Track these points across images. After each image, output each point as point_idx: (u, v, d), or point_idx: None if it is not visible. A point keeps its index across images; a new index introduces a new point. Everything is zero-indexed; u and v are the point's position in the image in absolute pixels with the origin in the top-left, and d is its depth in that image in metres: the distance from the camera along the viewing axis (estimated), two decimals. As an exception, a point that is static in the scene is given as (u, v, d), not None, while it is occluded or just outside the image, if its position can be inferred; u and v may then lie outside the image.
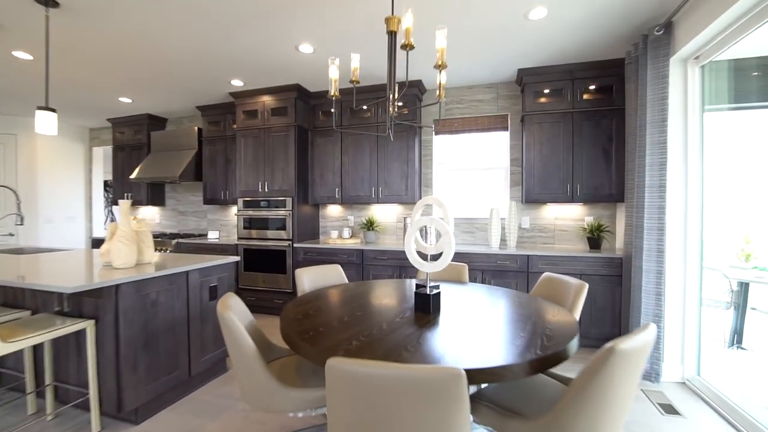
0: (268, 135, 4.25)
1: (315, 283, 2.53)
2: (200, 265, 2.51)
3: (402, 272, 3.75)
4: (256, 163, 4.31)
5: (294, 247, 4.13)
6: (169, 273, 2.29)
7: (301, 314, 1.76)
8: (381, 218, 4.45)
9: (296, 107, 4.14)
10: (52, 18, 2.72)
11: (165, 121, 5.59)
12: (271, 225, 4.21)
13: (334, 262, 3.98)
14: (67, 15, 2.69)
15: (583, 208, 3.83)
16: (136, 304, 2.10)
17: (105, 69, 3.68)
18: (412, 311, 1.83)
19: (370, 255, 3.86)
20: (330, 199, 4.31)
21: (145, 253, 2.49)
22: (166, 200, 5.64)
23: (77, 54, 3.33)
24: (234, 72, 3.76)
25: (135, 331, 2.09)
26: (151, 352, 2.19)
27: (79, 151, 6.14)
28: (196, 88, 4.23)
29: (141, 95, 4.50)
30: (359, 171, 4.19)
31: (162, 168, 4.89)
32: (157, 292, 2.23)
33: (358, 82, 2.13)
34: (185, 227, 5.51)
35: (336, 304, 1.96)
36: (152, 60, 3.46)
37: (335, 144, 4.29)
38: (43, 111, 2.46)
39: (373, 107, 4.13)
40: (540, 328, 1.57)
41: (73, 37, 3.01)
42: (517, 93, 4.02)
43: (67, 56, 3.38)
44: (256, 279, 4.28)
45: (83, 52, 3.28)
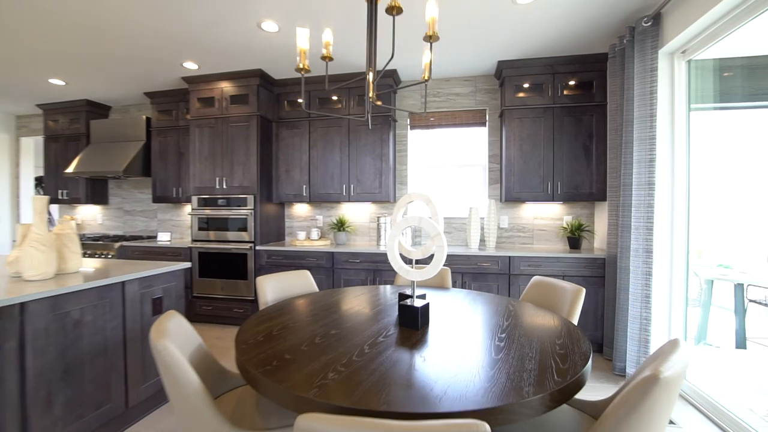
0: (227, 125, 3.82)
1: (280, 292, 2.20)
2: (140, 273, 2.10)
3: (377, 276, 3.47)
4: (213, 156, 3.87)
5: (256, 250, 3.73)
6: (99, 285, 1.87)
7: (263, 335, 1.43)
8: (352, 218, 4.14)
9: (259, 95, 3.75)
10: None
11: (108, 109, 4.98)
12: (230, 225, 3.79)
13: (301, 266, 3.63)
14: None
15: (562, 207, 3.72)
16: (51, 325, 1.68)
17: (24, 38, 3.12)
18: (396, 327, 1.55)
19: (341, 258, 3.54)
20: (297, 198, 3.95)
21: (70, 261, 2.05)
22: (109, 198, 5.02)
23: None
24: (186, 53, 3.32)
25: (49, 359, 1.67)
26: (74, 384, 1.77)
27: (2, 142, 5.36)
28: (142, 71, 3.73)
29: (76, 77, 3.92)
30: (329, 167, 3.87)
31: (104, 161, 4.32)
32: (81, 309, 1.81)
33: (331, 58, 1.83)
34: (132, 228, 4.92)
35: (305, 319, 1.64)
36: (84, 34, 2.96)
37: (302, 137, 3.93)
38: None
39: (345, 97, 3.82)
40: (548, 346, 1.34)
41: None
42: (495, 87, 3.86)
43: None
44: (212, 286, 3.84)
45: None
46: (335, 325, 1.57)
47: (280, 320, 1.63)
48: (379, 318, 1.67)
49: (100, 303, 1.90)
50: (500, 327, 1.56)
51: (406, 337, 1.44)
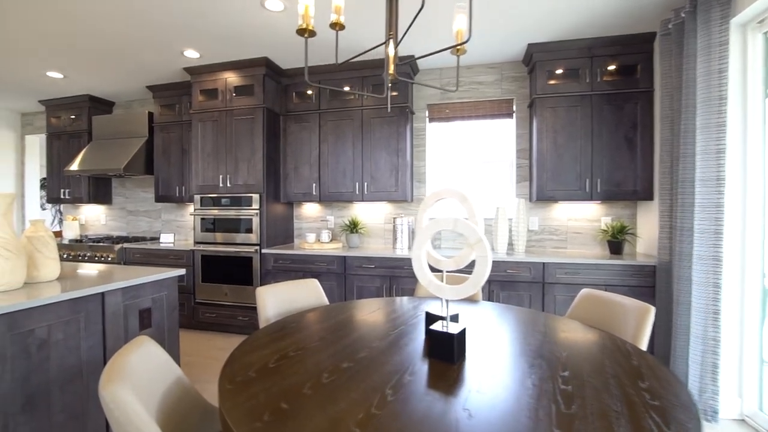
0: (231, 119, 3.55)
1: (284, 305, 1.89)
2: (124, 283, 1.82)
3: (393, 284, 3.14)
4: (217, 152, 3.60)
5: (263, 254, 3.45)
6: (71, 297, 1.59)
7: (256, 369, 1.12)
8: (366, 219, 3.83)
9: (265, 86, 3.46)
10: None
11: (112, 104, 4.77)
12: (235, 227, 3.52)
13: (310, 270, 3.33)
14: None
15: (599, 207, 3.33)
16: (8, 347, 1.40)
17: (17, 28, 2.89)
18: (425, 358, 1.22)
19: (354, 263, 3.23)
20: (306, 197, 3.65)
21: (43, 268, 1.78)
22: (113, 197, 4.82)
23: (-27, 5, 2.55)
24: (186, 39, 3.05)
25: (6, 387, 1.40)
26: (39, 416, 1.50)
27: (8, 140, 5.22)
28: (142, 62, 3.49)
29: (74, 69, 3.70)
30: (340, 163, 3.56)
31: (105, 159, 4.10)
32: (48, 326, 1.53)
33: (342, 26, 1.51)
34: (136, 229, 4.71)
35: (312, 345, 1.32)
36: (77, 22, 2.72)
37: (312, 131, 3.63)
38: None
39: (357, 87, 3.51)
40: (634, 394, 0.99)
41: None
42: (523, 74, 3.49)
43: (-40, 8, 2.60)
44: (216, 292, 3.57)
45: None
46: (348, 354, 1.25)
47: (279, 345, 1.32)
48: (401, 344, 1.34)
49: (73, 318, 1.62)
50: (559, 360, 1.21)
51: (438, 374, 1.11)
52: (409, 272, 3.10)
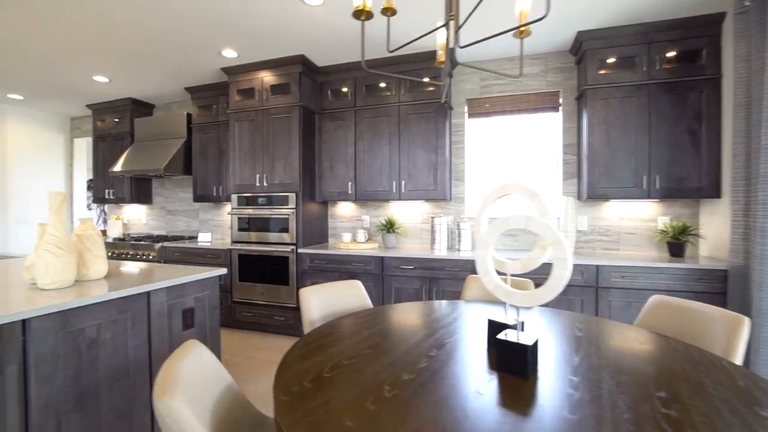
0: (268, 118, 3.54)
1: (327, 307, 1.82)
2: (168, 282, 1.80)
3: (433, 285, 3.02)
4: (253, 151, 3.60)
5: (298, 253, 3.41)
6: (119, 296, 1.58)
7: (311, 378, 1.04)
8: (402, 218, 3.72)
9: (301, 84, 3.43)
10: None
11: (152, 107, 4.91)
12: (271, 226, 3.51)
13: (347, 271, 3.27)
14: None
15: (656, 206, 3.08)
16: (61, 346, 1.39)
17: (61, 32, 2.98)
18: (491, 371, 1.10)
19: (391, 263, 3.14)
20: (341, 196, 3.59)
21: (92, 266, 1.79)
22: (153, 197, 4.95)
23: (26, 12, 2.64)
24: (224, 38, 3.05)
25: (59, 386, 1.39)
26: (90, 414, 1.49)
27: (58, 143, 5.48)
28: (182, 63, 3.54)
29: (118, 73, 3.81)
30: (377, 161, 3.47)
31: (146, 160, 4.21)
32: (98, 325, 1.52)
33: (395, 12, 1.42)
34: (175, 228, 4.82)
35: (365, 353, 1.23)
36: (122, 26, 2.76)
37: (348, 129, 3.57)
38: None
39: (394, 83, 3.41)
40: (756, 421, 0.84)
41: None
42: (570, 65, 3.28)
43: (13, 15, 2.69)
44: (253, 291, 3.57)
45: (31, 8, 2.59)
46: (406, 364, 1.15)
47: (331, 353, 1.23)
48: (462, 353, 1.23)
49: (120, 317, 1.61)
50: (649, 378, 1.06)
51: (512, 391, 0.99)
52: (450, 274, 2.97)
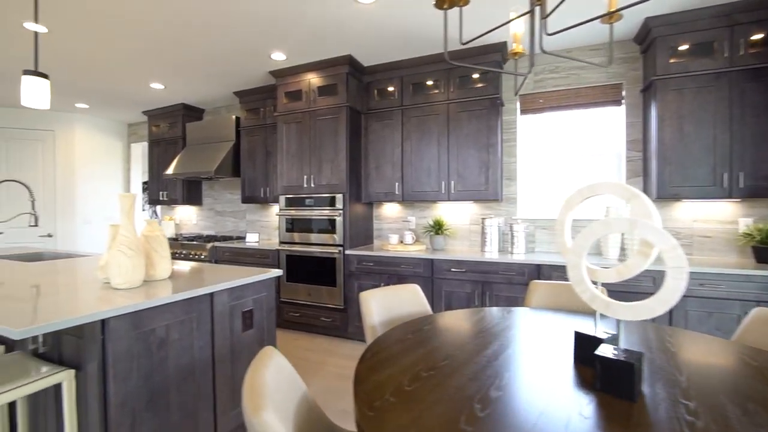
0: (314, 119, 3.55)
1: (387, 312, 1.76)
2: (230, 283, 1.81)
3: (486, 290, 2.89)
4: (301, 153, 3.62)
5: (346, 255, 3.39)
6: (186, 297, 1.60)
7: (392, 391, 0.98)
8: (450, 219, 3.61)
9: (348, 84, 3.41)
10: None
11: (202, 111, 5.09)
12: (318, 227, 3.51)
13: (395, 273, 3.20)
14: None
15: (737, 207, 2.79)
16: (134, 345, 1.42)
17: (124, 42, 3.13)
18: (587, 391, 0.99)
19: (442, 266, 3.04)
20: (388, 196, 3.54)
21: (158, 266, 1.83)
22: (203, 199, 5.14)
23: (92, 26, 2.79)
24: (274, 41, 3.08)
25: (133, 384, 1.41)
26: (160, 413, 1.51)
27: (117, 148, 5.82)
28: (231, 67, 3.62)
29: (173, 79, 3.97)
30: (424, 161, 3.39)
31: (197, 162, 4.36)
32: (167, 326, 1.54)
33: (467, 2, 1.33)
34: (223, 229, 4.97)
35: (444, 364, 1.16)
36: (176, 32, 2.85)
37: (394, 128, 3.51)
38: (31, 76, 1.86)
39: (443, 80, 3.31)
40: None
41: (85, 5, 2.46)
42: (635, 54, 3.05)
43: (81, 29, 2.85)
44: (299, 291, 3.60)
45: (96, 22, 2.73)
46: (489, 379, 1.06)
47: (404, 364, 1.17)
48: (549, 369, 1.12)
49: (187, 318, 1.63)
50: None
51: (622, 416, 0.87)
52: (504, 278, 2.84)
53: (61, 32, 2.93)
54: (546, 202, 3.39)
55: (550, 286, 2.02)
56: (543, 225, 3.30)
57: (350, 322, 3.40)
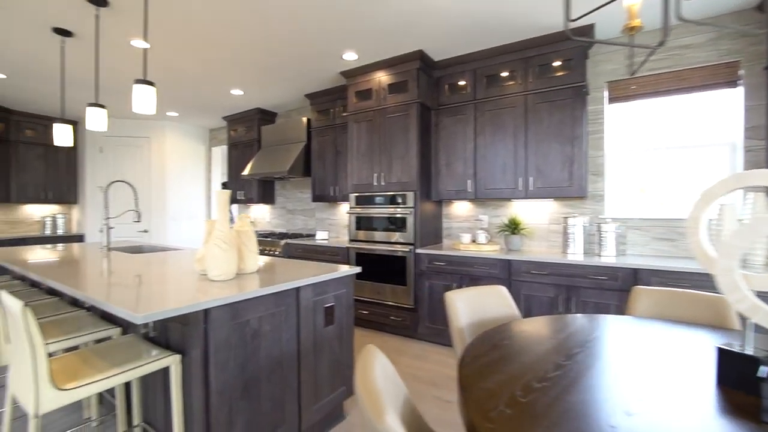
0: (384, 117, 3.54)
1: (474, 314, 1.66)
2: (314, 279, 1.84)
3: (571, 294, 2.66)
4: (371, 151, 3.63)
5: (416, 253, 3.33)
6: (276, 291, 1.64)
7: (506, 401, 0.89)
8: (527, 218, 3.40)
9: (419, 80, 3.35)
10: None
11: (275, 115, 5.35)
12: (388, 225, 3.49)
13: (468, 274, 3.08)
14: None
15: None
16: (231, 335, 1.48)
17: (209, 53, 3.36)
18: (746, 422, 0.82)
19: (520, 268, 2.86)
20: (459, 194, 3.42)
21: (248, 260, 1.91)
22: (275, 198, 5.40)
23: (182, 40, 3.02)
24: (347, 41, 3.11)
25: (230, 373, 1.47)
26: (252, 403, 1.56)
27: (200, 152, 6.33)
28: (304, 71, 3.74)
29: (251, 85, 4.20)
30: (499, 157, 3.22)
31: (271, 163, 4.58)
32: (259, 318, 1.59)
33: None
34: (293, 226, 5.18)
35: (553, 376, 1.04)
36: (255, 38, 2.99)
37: (467, 123, 3.38)
38: (141, 85, 2.06)
39: (520, 71, 3.12)
40: None
41: (174, 19, 2.66)
42: (755, 27, 2.61)
43: (176, 44, 3.10)
44: (369, 289, 3.61)
45: (188, 37, 2.95)
46: (616, 393, 0.92)
47: (510, 371, 1.07)
48: (686, 388, 0.95)
49: (277, 311, 1.67)
50: None
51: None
52: (594, 282, 2.58)
53: (159, 48, 3.22)
54: (639, 199, 3.04)
55: (659, 294, 1.79)
56: (636, 225, 2.96)
57: (420, 322, 3.33)
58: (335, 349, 2.02)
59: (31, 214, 5.62)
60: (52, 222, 5.56)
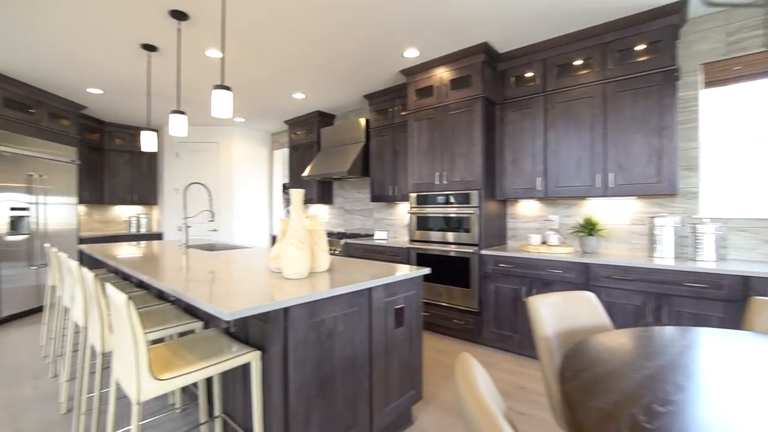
0: (446, 114, 3.44)
1: (561, 322, 1.53)
2: (386, 279, 1.80)
3: (661, 303, 2.39)
4: (432, 150, 3.55)
5: (481, 255, 3.20)
6: (350, 291, 1.62)
7: (630, 428, 0.77)
8: (605, 218, 3.12)
9: (483, 74, 3.21)
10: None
11: (333, 117, 5.46)
12: (451, 225, 3.39)
13: (539, 278, 2.89)
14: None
15: None
16: (308, 334, 1.48)
17: (275, 59, 3.47)
18: None
19: (601, 272, 2.62)
20: (527, 193, 3.22)
21: (319, 259, 1.93)
22: (333, 198, 5.50)
23: (251, 48, 3.15)
24: (409, 37, 3.06)
25: (308, 371, 1.48)
26: (327, 402, 1.56)
27: (262, 155, 6.64)
28: (364, 71, 3.75)
29: (312, 88, 4.31)
30: (573, 152, 2.99)
31: (331, 164, 4.66)
32: (334, 318, 1.58)
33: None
34: (351, 226, 5.24)
35: (676, 399, 0.90)
36: (317, 39, 3.04)
37: (535, 117, 3.18)
38: (219, 90, 2.16)
39: (596, 58, 2.87)
40: None
41: (245, 28, 2.78)
42: None
43: (245, 53, 3.25)
44: (431, 291, 3.53)
45: (257, 46, 3.07)
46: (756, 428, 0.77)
47: (622, 390, 0.94)
48: None
49: (350, 311, 1.66)
50: None
51: None
52: (690, 291, 2.29)
53: (231, 56, 3.40)
54: (744, 197, 2.66)
55: (788, 306, 1.52)
56: (740, 226, 2.59)
57: (485, 327, 3.19)
58: (405, 351, 1.97)
59: (119, 215, 6.24)
60: (136, 221, 6.14)
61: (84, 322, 1.97)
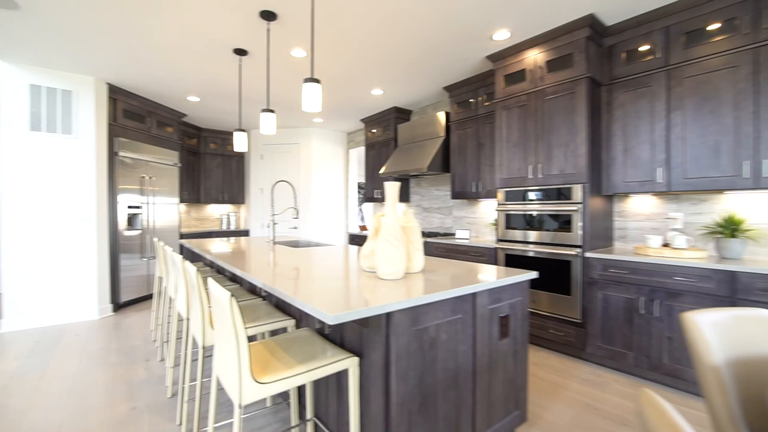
0: (542, 100, 3.09)
1: (736, 348, 1.18)
2: (490, 284, 1.59)
3: None
4: (524, 140, 3.22)
5: (585, 258, 2.81)
6: (455, 296, 1.44)
7: None
8: (753, 216, 2.54)
9: (587, 51, 2.81)
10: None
11: (409, 113, 5.32)
12: (547, 224, 3.04)
13: (661, 287, 2.43)
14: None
15: None
16: (411, 342, 1.33)
17: (356, 54, 3.41)
18: None
19: (752, 284, 2.11)
20: (644, 186, 2.75)
21: (414, 259, 1.77)
22: (410, 196, 5.36)
23: (334, 45, 3.12)
24: (500, 17, 2.78)
25: (410, 384, 1.33)
26: (428, 419, 1.40)
27: (339, 154, 6.75)
28: (446, 60, 3.53)
29: (390, 83, 4.20)
30: (708, 136, 2.46)
31: (408, 160, 4.52)
32: (437, 325, 1.42)
33: None
34: (429, 225, 5.05)
35: None
36: (399, 26, 2.89)
37: (654, 97, 2.70)
38: (310, 83, 2.12)
39: (742, 18, 2.32)
40: None
41: (329, 24, 2.73)
42: None
43: (328, 51, 3.23)
44: (521, 296, 3.20)
45: (339, 43, 3.03)
46: None
47: None
48: None
49: (452, 319, 1.48)
50: None
51: None
52: None
53: (315, 55, 3.41)
54: None
55: None
56: None
57: (589, 340, 2.79)
58: (509, 366, 1.74)
59: (212, 213, 6.79)
60: (227, 219, 6.62)
61: (186, 313, 2.05)
